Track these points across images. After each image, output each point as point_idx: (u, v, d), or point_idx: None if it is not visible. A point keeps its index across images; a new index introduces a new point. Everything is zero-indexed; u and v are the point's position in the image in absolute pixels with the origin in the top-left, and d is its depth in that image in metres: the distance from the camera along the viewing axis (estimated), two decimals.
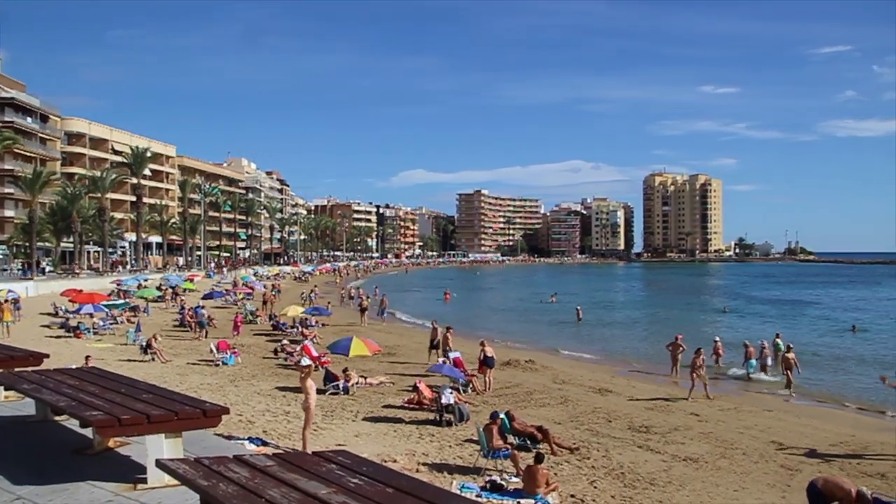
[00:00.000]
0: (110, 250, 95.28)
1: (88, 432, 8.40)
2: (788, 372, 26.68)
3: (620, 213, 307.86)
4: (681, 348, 29.65)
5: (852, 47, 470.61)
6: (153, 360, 28.29)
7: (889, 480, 14.84)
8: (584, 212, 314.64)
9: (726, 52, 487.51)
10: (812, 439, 18.59)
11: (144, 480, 7.27)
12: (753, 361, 30.78)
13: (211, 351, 29.34)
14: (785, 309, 71.35)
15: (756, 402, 25.26)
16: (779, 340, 36.24)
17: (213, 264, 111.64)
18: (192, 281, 75.30)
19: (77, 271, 79.39)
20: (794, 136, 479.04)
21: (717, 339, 34.26)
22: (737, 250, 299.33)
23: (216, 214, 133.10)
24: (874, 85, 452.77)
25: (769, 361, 31.21)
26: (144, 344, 29.68)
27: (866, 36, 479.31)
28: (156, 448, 7.27)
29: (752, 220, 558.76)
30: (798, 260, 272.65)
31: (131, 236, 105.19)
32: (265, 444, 14.73)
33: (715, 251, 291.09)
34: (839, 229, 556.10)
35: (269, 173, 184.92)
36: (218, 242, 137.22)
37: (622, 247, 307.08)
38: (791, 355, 26.90)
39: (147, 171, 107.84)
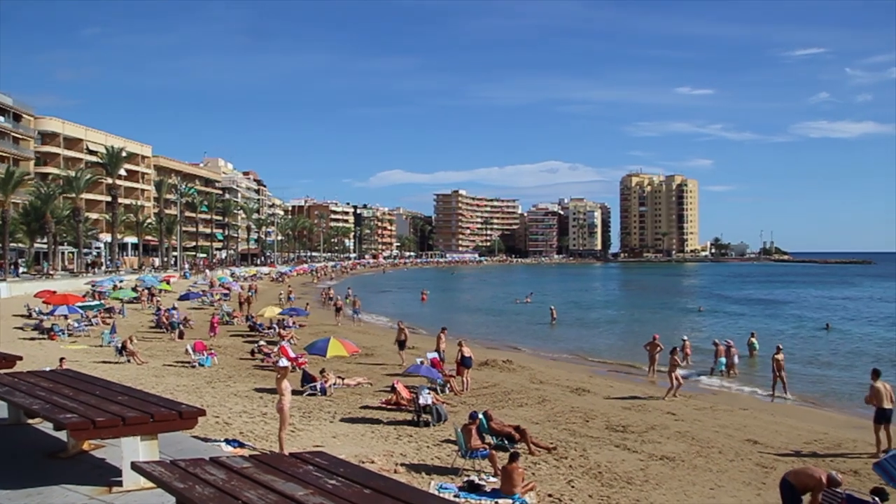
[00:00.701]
0: (85, 251, 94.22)
1: (62, 435, 8.34)
2: (781, 373, 26.37)
3: (597, 214, 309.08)
4: (658, 348, 29.80)
5: (826, 50, 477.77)
6: (129, 361, 28.07)
7: (861, 477, 14.99)
8: (562, 212, 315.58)
9: (702, 54, 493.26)
10: (786, 437, 18.77)
11: (119, 483, 7.21)
12: (723, 360, 30.94)
13: (187, 352, 29.14)
14: (759, 308, 71.94)
15: (732, 400, 25.46)
16: (753, 340, 36.65)
17: (186, 266, 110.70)
18: (168, 282, 74.72)
19: (51, 272, 78.53)
20: (769, 137, 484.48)
21: (685, 338, 34.34)
22: (712, 250, 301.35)
23: (192, 215, 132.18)
24: (847, 87, 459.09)
25: (736, 360, 31.38)
26: (120, 346, 29.43)
27: (839, 39, 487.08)
28: (131, 450, 7.22)
29: (727, 221, 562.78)
30: (773, 260, 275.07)
31: (106, 237, 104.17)
32: (242, 445, 14.65)
33: (691, 251, 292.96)
34: (813, 230, 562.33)
35: (245, 174, 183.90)
36: (194, 243, 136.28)
37: (599, 247, 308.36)
38: (780, 357, 26.57)
39: (122, 172, 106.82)
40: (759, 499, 13.50)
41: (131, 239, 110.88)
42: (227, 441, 14.82)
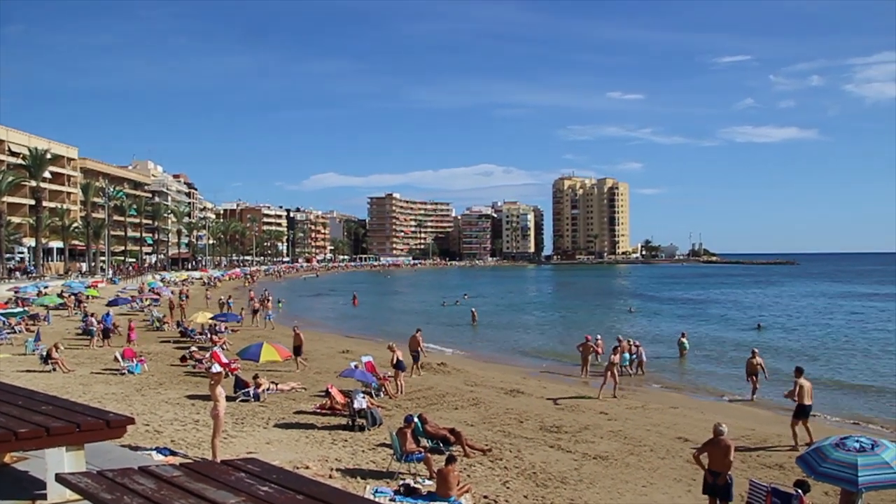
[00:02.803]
0: (7, 256, 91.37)
1: None
2: (753, 377, 26.28)
3: (530, 217, 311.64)
4: (591, 349, 30.14)
5: (751, 57, 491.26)
6: (54, 370, 27.26)
7: (786, 471, 15.47)
8: (495, 215, 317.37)
9: (633, 59, 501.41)
10: None
11: (44, 496, 6.99)
12: (626, 355, 30.83)
13: (116, 359, 28.43)
14: (689, 308, 73.46)
15: (662, 399, 25.90)
16: (684, 340, 37.43)
17: (109, 272, 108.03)
18: (95, 287, 72.95)
19: None
20: (697, 141, 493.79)
21: (599, 337, 34.63)
22: (643, 252, 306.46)
23: (121, 219, 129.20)
24: (771, 94, 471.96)
25: (644, 358, 31.79)
26: (45, 353, 28.54)
27: (764, 47, 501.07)
28: (56, 462, 7.00)
29: (657, 223, 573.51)
30: (702, 261, 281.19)
31: (30, 241, 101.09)
32: (173, 453, 14.40)
33: (622, 253, 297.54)
34: (740, 231, 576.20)
35: (176, 176, 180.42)
36: (123, 248, 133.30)
37: (532, 249, 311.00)
38: (758, 360, 26.39)
39: (47, 174, 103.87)
40: (690, 495, 13.78)
41: (57, 243, 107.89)
42: (158, 449, 14.54)
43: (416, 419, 16.03)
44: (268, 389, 23.15)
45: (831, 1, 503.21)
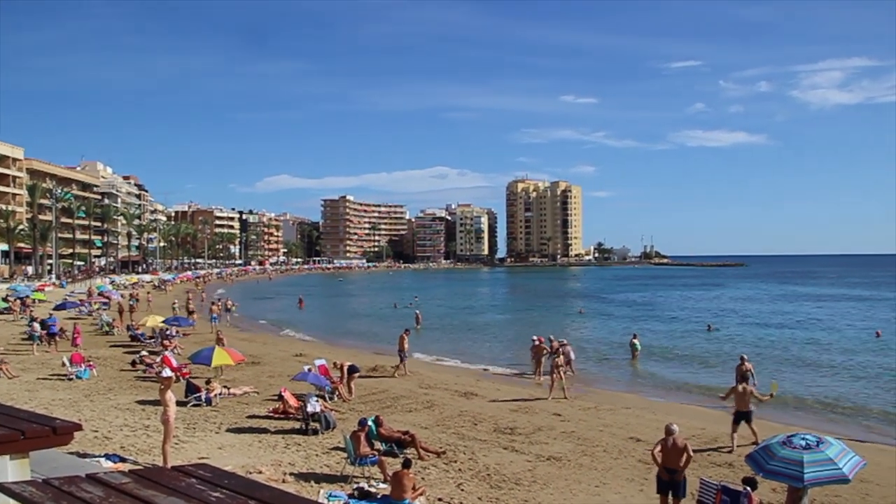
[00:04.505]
0: None
1: None
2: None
3: (484, 219, 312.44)
4: (543, 350, 30.29)
5: (701, 62, 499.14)
6: None
7: (735, 468, 15.74)
8: (449, 218, 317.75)
9: (586, 63, 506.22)
10: None
11: None
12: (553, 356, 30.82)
13: (64, 364, 27.87)
14: (641, 310, 74.28)
15: (615, 400, 26.15)
16: (635, 341, 37.82)
17: (54, 276, 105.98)
18: (42, 291, 71.56)
19: None
20: (649, 145, 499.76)
21: (535, 338, 34.73)
22: (596, 254, 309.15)
23: (69, 221, 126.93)
24: (721, 98, 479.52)
25: (573, 356, 31.71)
26: None
27: (714, 53, 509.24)
28: None
29: (610, 226, 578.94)
30: (653, 263, 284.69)
31: None
32: (123, 460, 14.17)
33: (575, 255, 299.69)
34: (691, 234, 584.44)
35: (126, 178, 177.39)
36: (71, 250, 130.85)
37: (486, 252, 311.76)
38: (747, 366, 25.86)
39: None
40: (642, 494, 13.93)
41: (2, 246, 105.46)
42: (107, 456, 14.31)
43: (370, 422, 15.98)
44: (220, 394, 22.88)
45: (778, 9, 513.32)
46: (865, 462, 11.76)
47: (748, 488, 11.28)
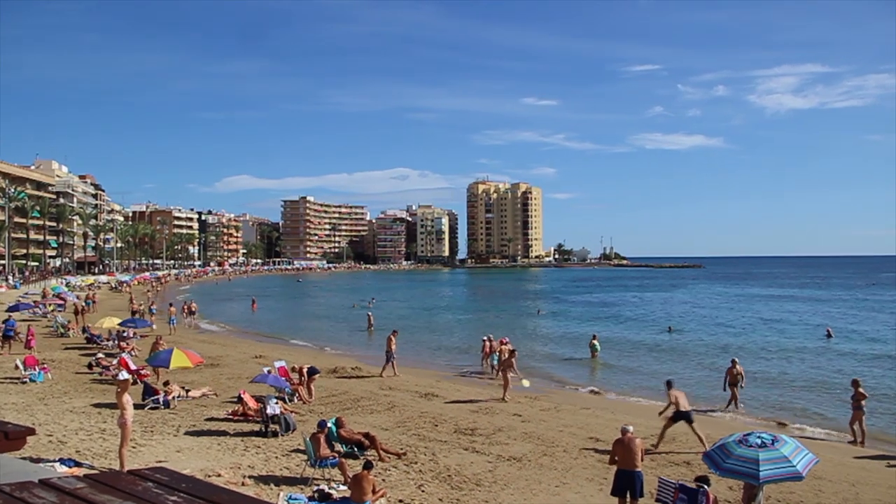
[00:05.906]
0: None
1: None
2: (733, 388, 25.74)
3: (445, 221, 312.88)
4: (497, 350, 30.41)
5: (660, 66, 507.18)
6: None
7: (693, 467, 15.96)
8: (410, 219, 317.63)
9: (547, 66, 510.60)
10: None
11: None
12: (496, 355, 30.90)
13: (17, 367, 27.33)
14: (600, 310, 74.86)
15: (574, 400, 26.36)
16: (595, 342, 38.13)
17: (10, 276, 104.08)
18: None
19: None
20: (609, 147, 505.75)
21: (485, 337, 34.88)
22: (556, 256, 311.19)
23: (23, 221, 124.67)
24: (679, 102, 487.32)
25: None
26: None
27: (672, 57, 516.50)
28: None
29: (570, 227, 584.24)
30: (612, 265, 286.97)
31: None
32: (78, 464, 13.93)
33: (535, 257, 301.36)
34: (650, 236, 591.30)
35: (82, 177, 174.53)
36: (25, 251, 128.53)
37: (447, 253, 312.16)
38: (739, 369, 25.98)
39: None
40: (602, 493, 14.03)
41: None
42: (62, 461, 14.05)
43: (330, 424, 15.91)
44: (178, 396, 22.62)
45: (735, 15, 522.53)
46: (818, 459, 12.02)
47: (704, 486, 11.44)
